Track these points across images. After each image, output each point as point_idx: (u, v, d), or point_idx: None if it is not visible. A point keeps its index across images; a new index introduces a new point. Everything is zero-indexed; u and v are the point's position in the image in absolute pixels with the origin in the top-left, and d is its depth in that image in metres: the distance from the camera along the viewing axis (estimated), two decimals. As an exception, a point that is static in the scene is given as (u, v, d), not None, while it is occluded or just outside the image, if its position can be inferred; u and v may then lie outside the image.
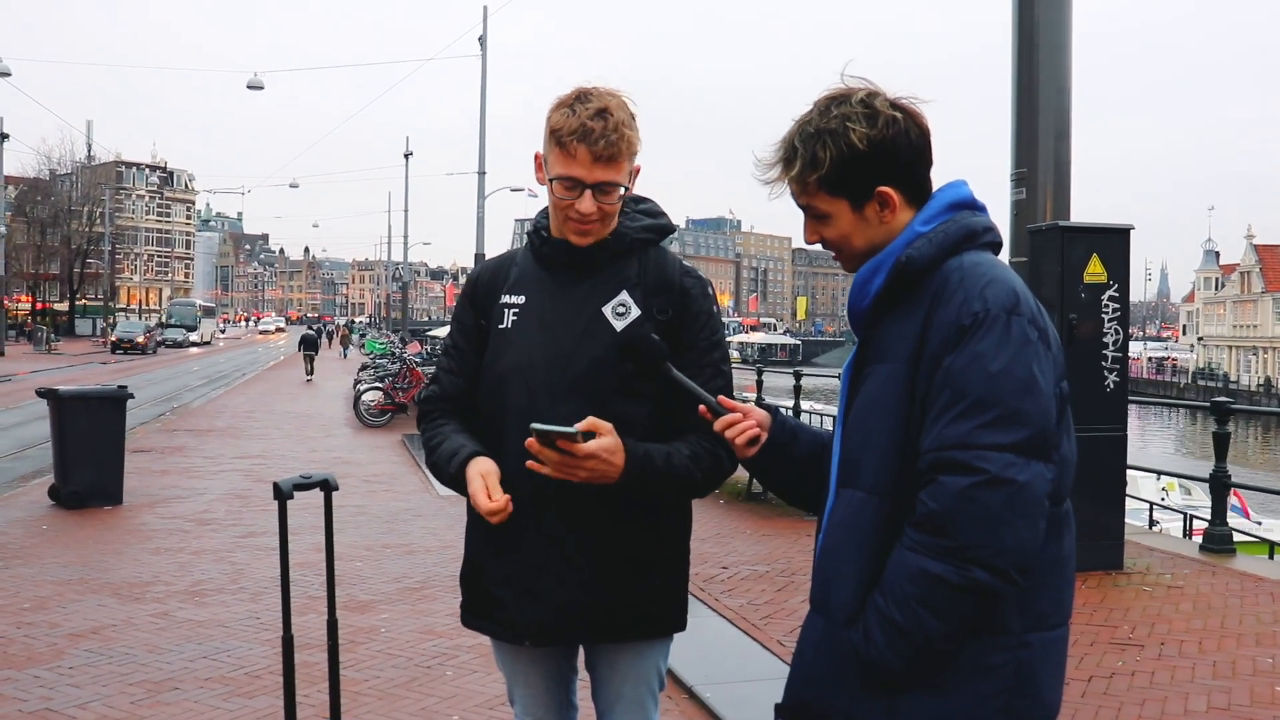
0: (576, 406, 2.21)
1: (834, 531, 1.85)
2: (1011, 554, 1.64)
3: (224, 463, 13.37)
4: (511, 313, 2.36)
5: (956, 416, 1.67)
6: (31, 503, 10.01)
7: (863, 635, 1.73)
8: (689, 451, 2.26)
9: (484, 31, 27.29)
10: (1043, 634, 1.75)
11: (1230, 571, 7.11)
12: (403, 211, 53.93)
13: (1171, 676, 4.98)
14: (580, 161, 2.20)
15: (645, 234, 2.36)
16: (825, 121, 1.84)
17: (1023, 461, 1.64)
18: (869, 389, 1.84)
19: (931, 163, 1.91)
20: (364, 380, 21.39)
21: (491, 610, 2.37)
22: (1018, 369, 1.67)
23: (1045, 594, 1.76)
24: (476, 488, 2.22)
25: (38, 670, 5.09)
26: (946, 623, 1.66)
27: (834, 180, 1.85)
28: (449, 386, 2.45)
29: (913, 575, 1.67)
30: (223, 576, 7.10)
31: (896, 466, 1.76)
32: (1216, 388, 64.97)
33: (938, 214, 1.86)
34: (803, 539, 8.27)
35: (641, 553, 2.32)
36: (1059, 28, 7.48)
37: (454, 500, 10.64)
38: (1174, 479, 17.64)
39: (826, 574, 1.86)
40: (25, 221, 78.12)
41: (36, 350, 53.42)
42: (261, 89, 41.46)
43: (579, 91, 2.24)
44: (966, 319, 1.71)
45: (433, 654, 5.42)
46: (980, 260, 1.80)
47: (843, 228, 1.89)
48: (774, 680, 4.94)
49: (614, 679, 2.43)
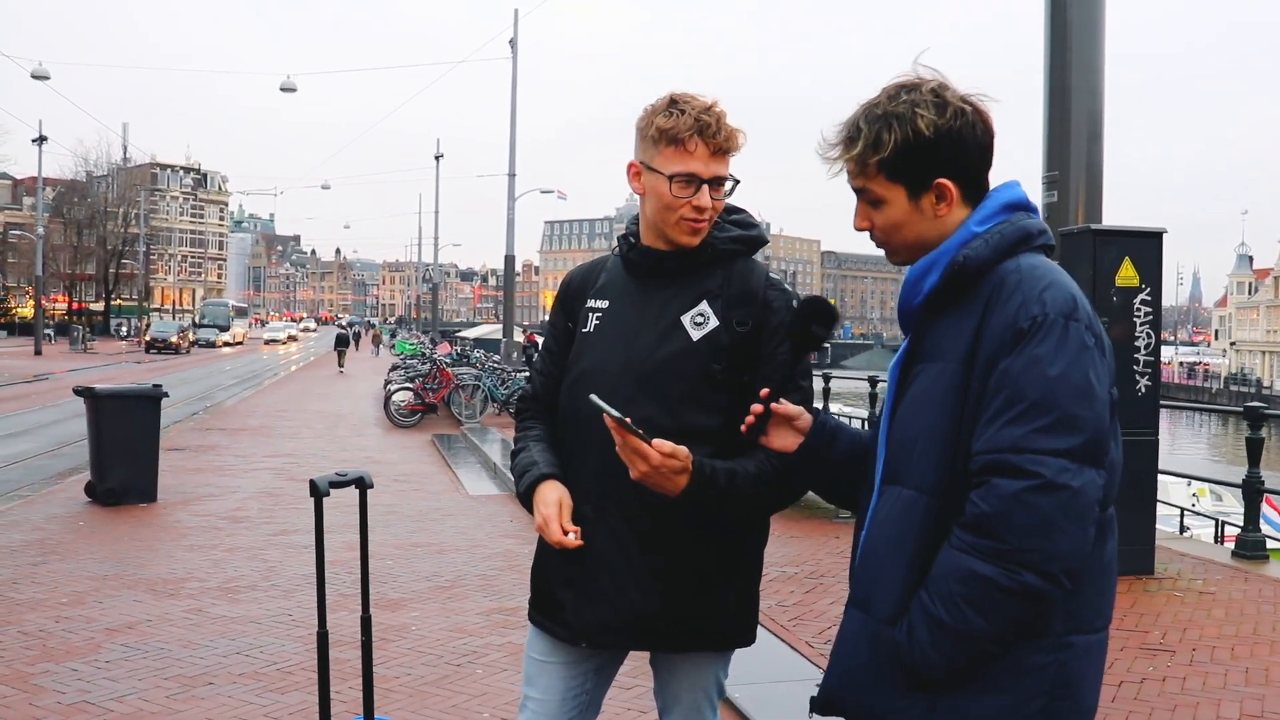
0: (648, 412, 2.22)
1: (878, 529, 1.84)
2: (1063, 559, 1.63)
3: (256, 461, 13.50)
4: (595, 317, 2.39)
5: (1012, 419, 1.66)
6: (69, 499, 10.15)
7: (906, 633, 1.72)
8: (756, 470, 2.23)
9: (514, 34, 27.39)
10: (1085, 636, 1.75)
11: (1263, 578, 7.04)
12: (433, 213, 54.49)
13: (1203, 683, 4.95)
14: (698, 156, 2.23)
15: (733, 245, 2.36)
16: (893, 105, 1.82)
17: (1076, 467, 1.63)
18: (919, 388, 1.82)
19: (991, 164, 1.88)
20: (394, 380, 21.53)
21: (552, 610, 2.38)
22: (1075, 374, 1.66)
23: (1089, 597, 1.75)
24: (548, 515, 2.25)
25: (75, 664, 5.18)
26: (994, 624, 1.65)
27: (894, 165, 1.82)
28: (540, 387, 2.50)
29: (961, 576, 1.66)
30: (255, 573, 7.18)
31: (946, 466, 1.75)
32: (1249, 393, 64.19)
33: (993, 214, 1.84)
34: (831, 541, 8.26)
35: (710, 565, 2.30)
36: (1092, 30, 7.44)
37: (483, 500, 10.71)
38: (1205, 484, 17.48)
39: (869, 570, 1.85)
40: (62, 222, 79.31)
41: (73, 349, 54.06)
42: (294, 91, 41.76)
43: (673, 96, 2.27)
44: (1025, 322, 1.69)
45: (463, 652, 5.46)
46: (1037, 263, 1.78)
47: (895, 216, 1.87)
48: (803, 681, 4.96)
49: (673, 682, 2.44)
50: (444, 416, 19.84)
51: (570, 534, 2.24)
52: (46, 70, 42.18)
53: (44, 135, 50.66)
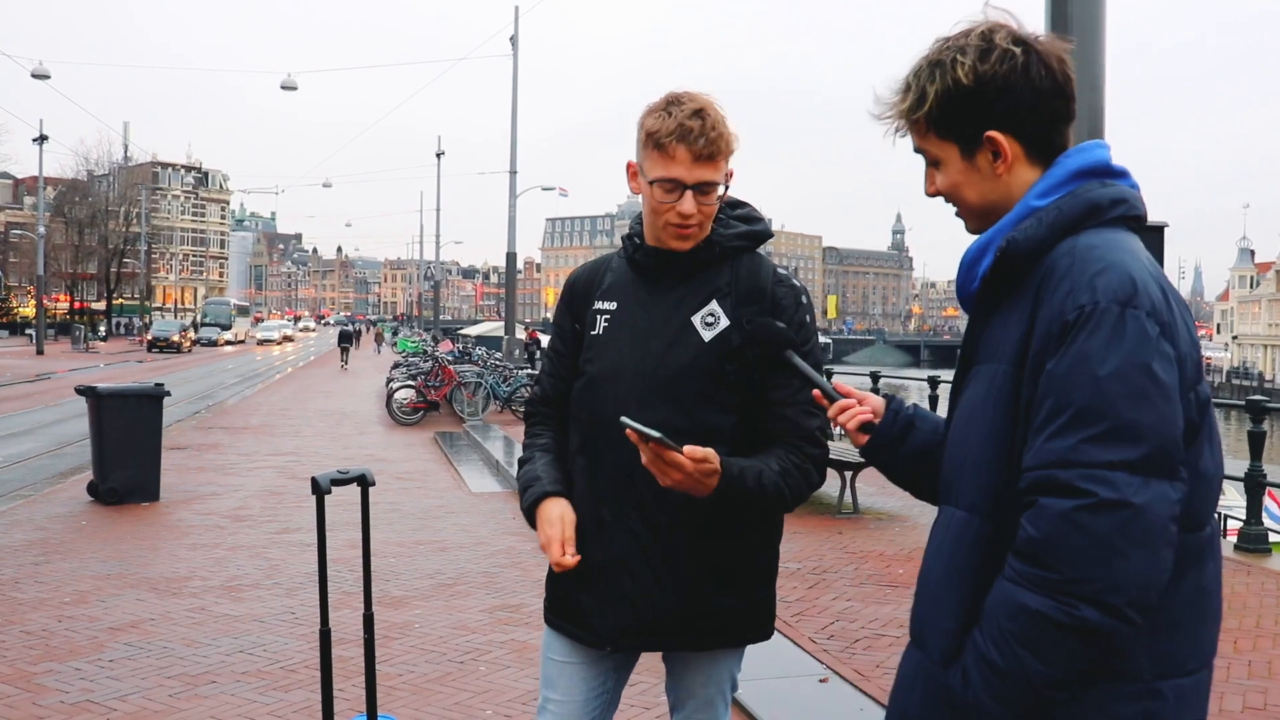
0: (663, 414, 2.20)
1: (933, 554, 1.65)
2: (1127, 590, 1.38)
3: (258, 460, 13.51)
4: (603, 319, 2.37)
5: (1059, 429, 1.42)
6: (71, 499, 10.16)
7: (961, 677, 1.51)
8: (779, 467, 2.22)
9: (515, 31, 27.39)
10: (1178, 681, 1.50)
11: (1266, 571, 7.05)
12: (435, 211, 54.38)
13: (1206, 677, 4.94)
14: (680, 161, 2.18)
15: (739, 241, 2.33)
16: (938, 53, 1.63)
17: (1139, 481, 1.39)
18: (972, 394, 1.62)
19: (1067, 115, 1.64)
20: (396, 378, 21.52)
21: (572, 614, 2.36)
22: (1131, 372, 1.41)
23: (1181, 634, 1.51)
24: (551, 535, 2.27)
25: (78, 662, 5.19)
26: (1051, 666, 1.41)
27: (939, 119, 1.63)
28: (549, 389, 2.48)
29: (1012, 611, 1.43)
30: (258, 572, 7.19)
31: (1000, 484, 1.53)
32: (1251, 387, 64.20)
33: (1060, 184, 1.59)
34: (834, 536, 8.27)
35: (727, 563, 2.30)
36: (1092, 25, 7.42)
37: (486, 497, 10.71)
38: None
39: (923, 604, 1.66)
40: (64, 222, 79.32)
41: (74, 348, 54.09)
42: (295, 89, 41.76)
43: (671, 96, 2.23)
44: (1071, 313, 1.45)
45: (466, 649, 5.47)
46: (1097, 242, 1.52)
47: (953, 176, 1.66)
48: (804, 677, 4.96)
49: (688, 678, 2.43)
50: (446, 414, 19.85)
51: (569, 554, 2.25)
52: (47, 69, 42.17)
53: (45, 134, 50.67)
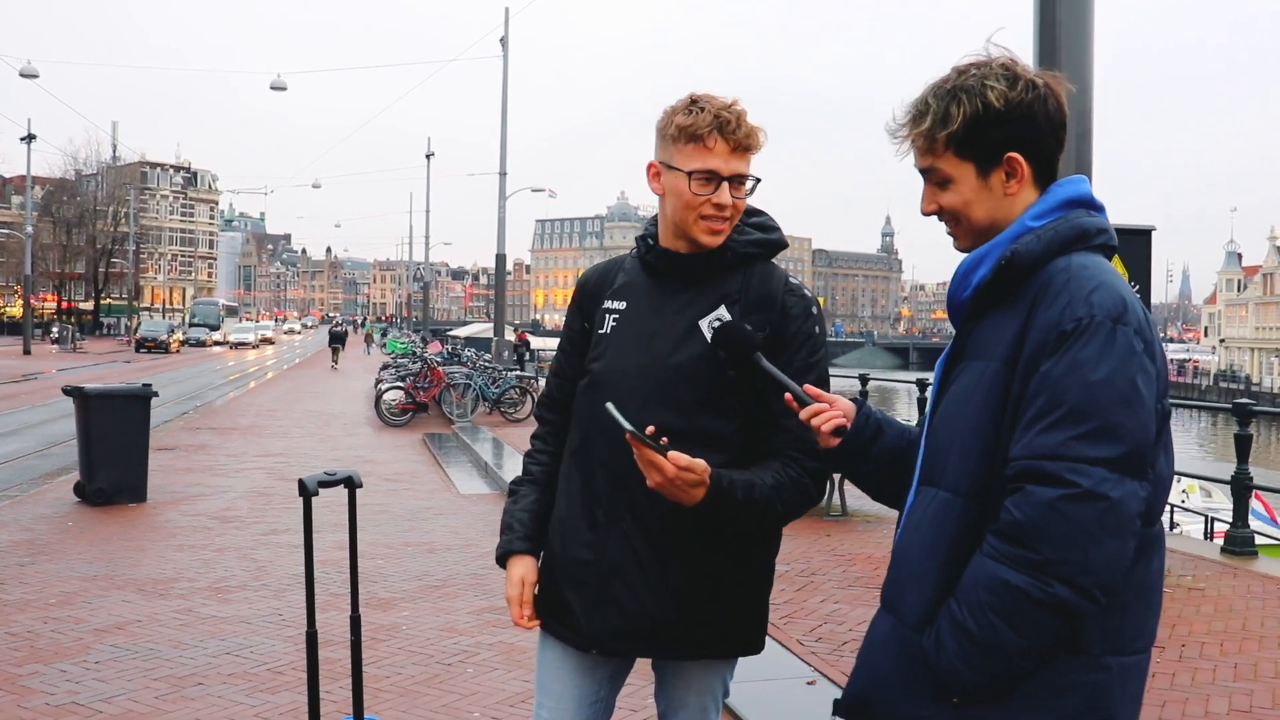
0: (663, 417, 2.19)
1: (912, 530, 1.80)
2: (1097, 572, 1.56)
3: (246, 461, 13.47)
4: (612, 318, 2.37)
5: (1050, 425, 1.59)
6: (57, 499, 10.12)
7: (934, 641, 1.67)
8: (773, 481, 2.21)
9: (505, 33, 27.39)
10: (1123, 659, 1.67)
11: (1252, 574, 7.08)
12: (424, 212, 54.18)
13: (1192, 678, 4.96)
14: (718, 153, 2.21)
15: (752, 248, 2.32)
16: (962, 80, 1.77)
17: (1116, 478, 1.57)
18: (961, 386, 1.77)
19: (1063, 146, 1.83)
20: (385, 380, 21.49)
21: (559, 612, 2.35)
22: (1119, 381, 1.59)
23: (1129, 617, 1.68)
24: (511, 596, 2.37)
25: (64, 664, 5.16)
26: (1023, 637, 1.59)
27: (964, 139, 1.77)
28: (554, 390, 2.48)
29: (992, 585, 1.60)
30: (245, 573, 7.16)
31: (983, 470, 1.70)
32: (1238, 390, 64.51)
33: (1052, 209, 1.78)
34: (822, 539, 8.27)
35: (721, 572, 2.28)
36: (1080, 28, 7.45)
37: (474, 499, 10.70)
38: (1194, 481, 17.55)
39: (900, 573, 1.80)
40: (51, 221, 79.09)
41: (62, 349, 53.87)
42: (285, 90, 41.73)
43: (694, 96, 2.25)
44: (1069, 324, 1.62)
45: (453, 651, 5.46)
46: (1089, 263, 1.71)
47: (965, 194, 1.81)
48: (792, 680, 4.96)
49: (680, 686, 2.42)
50: (435, 415, 19.81)
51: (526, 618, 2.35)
52: (35, 68, 42.07)
53: (33, 134, 50.55)
